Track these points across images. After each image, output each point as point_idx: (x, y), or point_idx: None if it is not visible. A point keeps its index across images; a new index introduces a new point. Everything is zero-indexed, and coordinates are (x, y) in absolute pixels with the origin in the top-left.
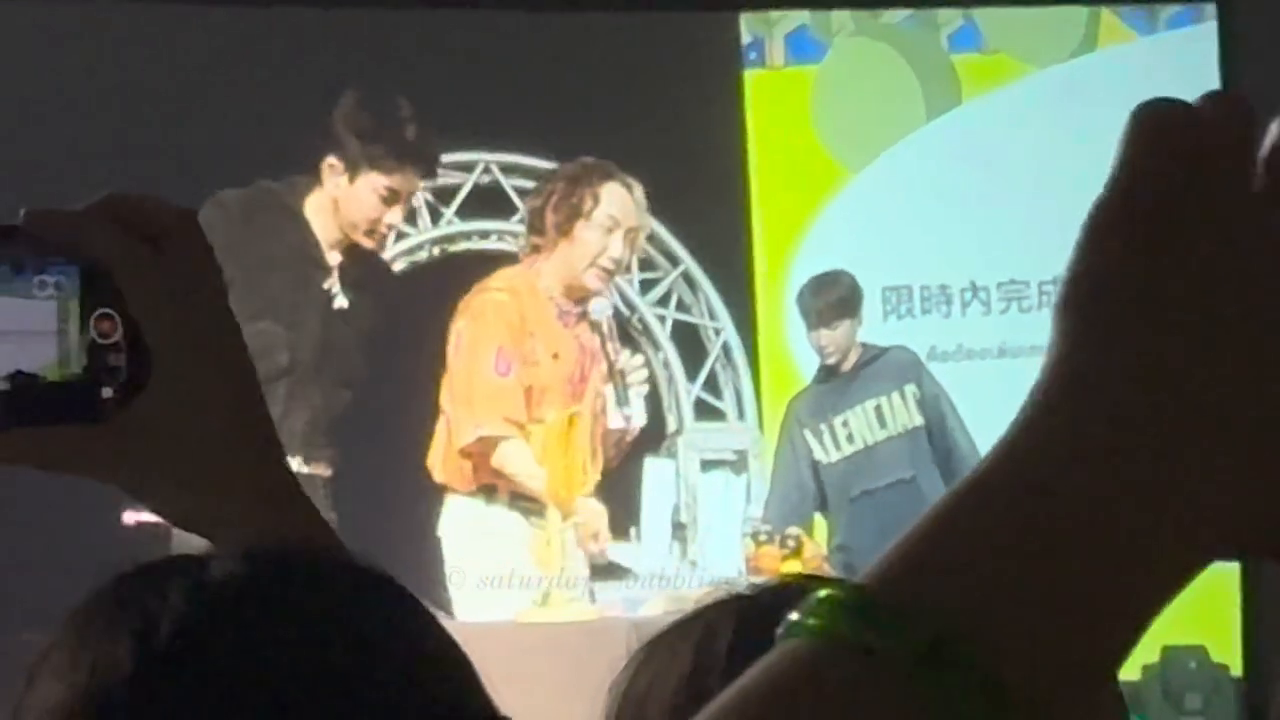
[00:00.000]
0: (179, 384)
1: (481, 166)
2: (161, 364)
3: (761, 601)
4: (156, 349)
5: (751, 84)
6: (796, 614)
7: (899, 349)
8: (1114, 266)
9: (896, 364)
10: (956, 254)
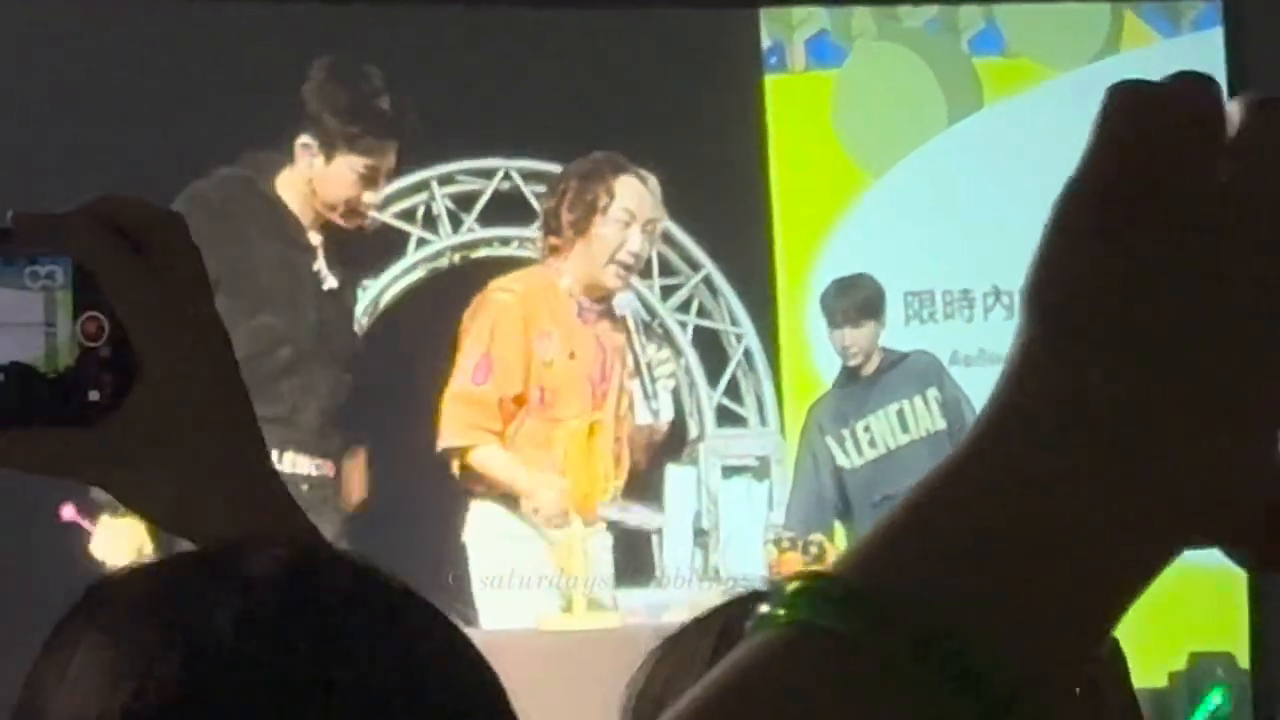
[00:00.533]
0: (165, 386)
1: (501, 173)
2: (147, 366)
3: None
4: (143, 351)
5: (772, 88)
6: (770, 606)
7: (920, 353)
8: (1079, 253)
9: (918, 368)
10: (979, 258)
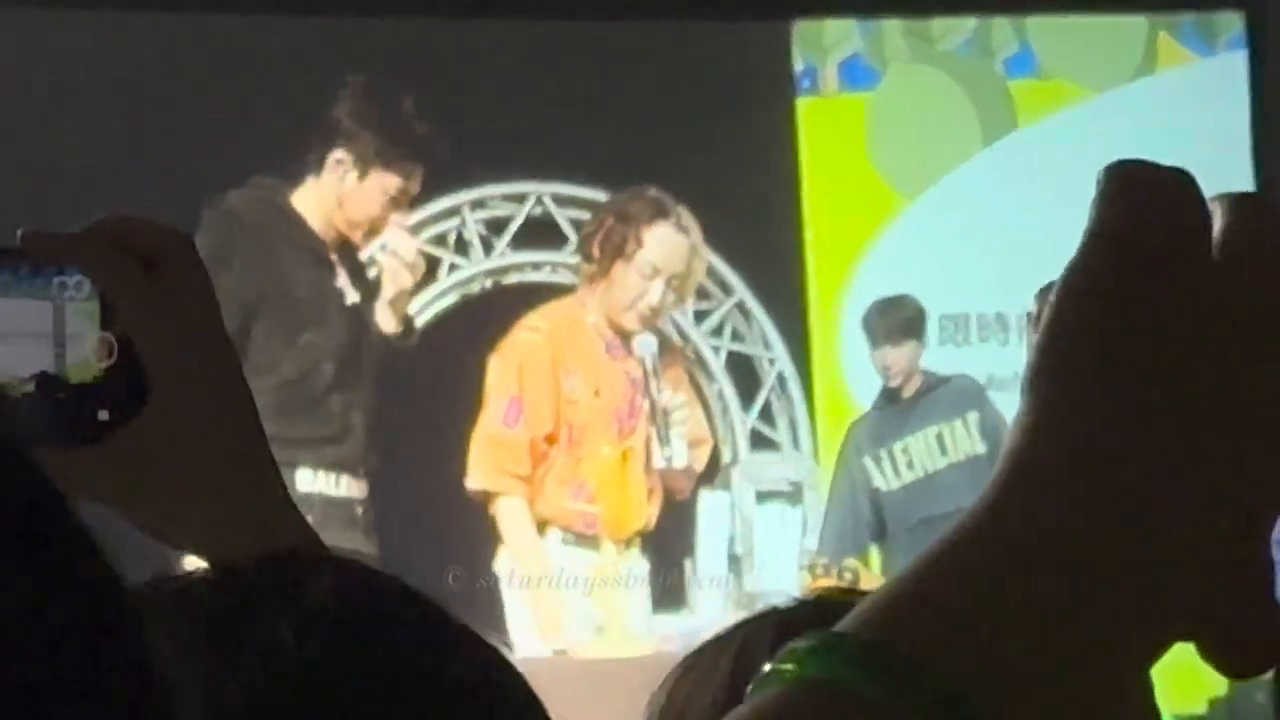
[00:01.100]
0: (174, 406)
1: (534, 198)
2: (157, 385)
3: (800, 616)
4: (152, 370)
5: (804, 111)
6: (779, 662)
7: (962, 377)
8: (1077, 344)
9: (959, 391)
10: (1014, 281)
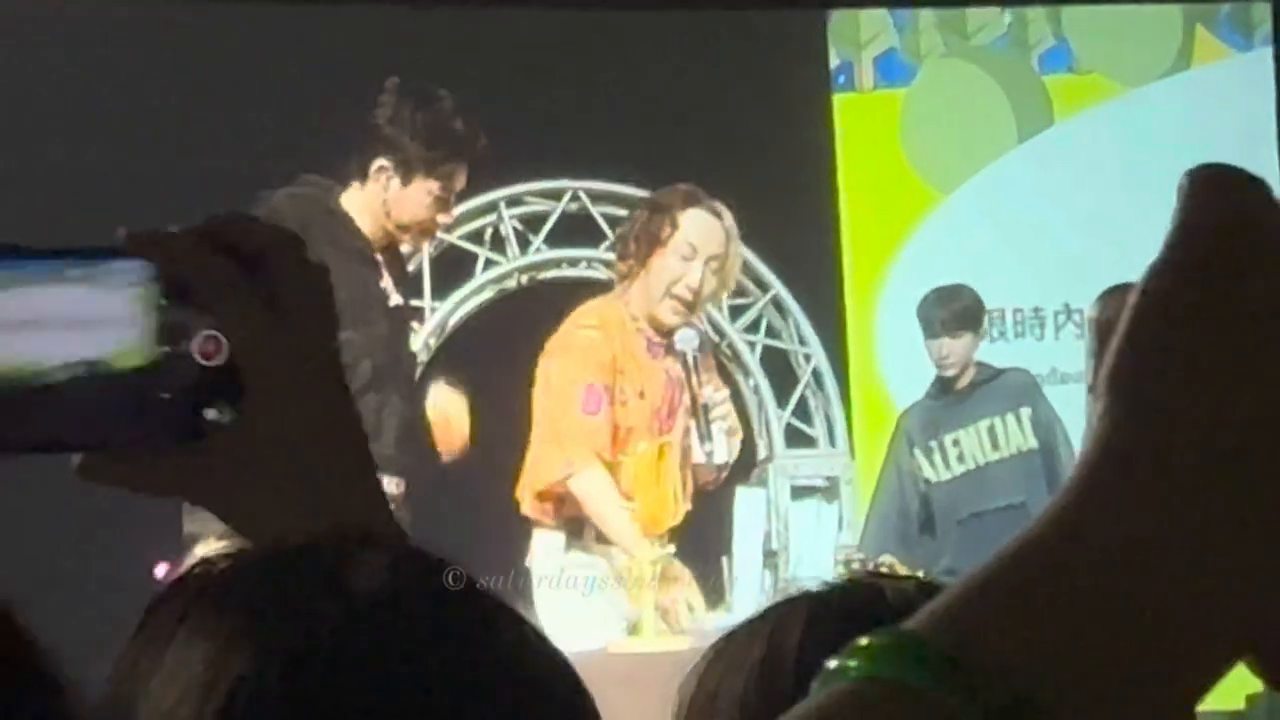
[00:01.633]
0: (277, 406)
1: (569, 194)
2: (259, 388)
3: (831, 599)
4: (254, 373)
5: (840, 107)
6: (845, 658)
7: (1016, 371)
8: (1161, 352)
9: (1013, 386)
10: (1049, 277)
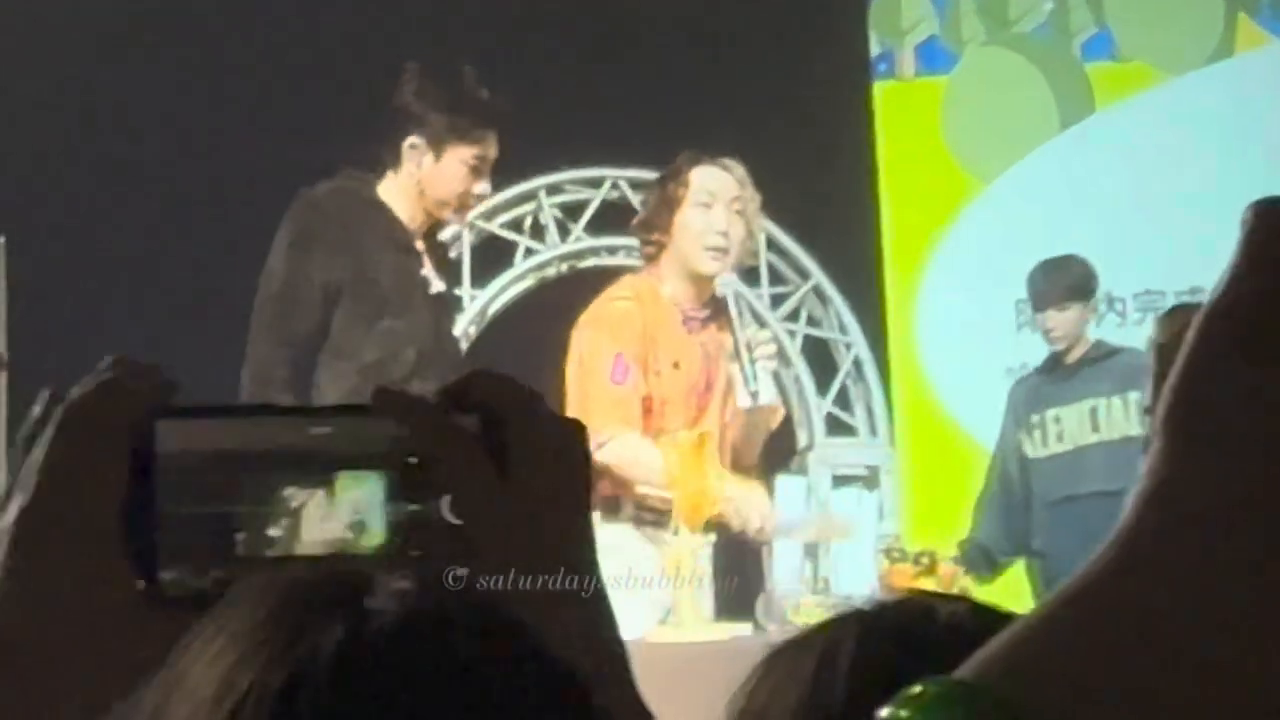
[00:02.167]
0: (505, 577)
1: (609, 182)
2: (488, 553)
3: (884, 617)
4: (486, 538)
5: (881, 95)
6: (898, 706)
7: (1133, 351)
8: (1221, 389)
9: (1125, 367)
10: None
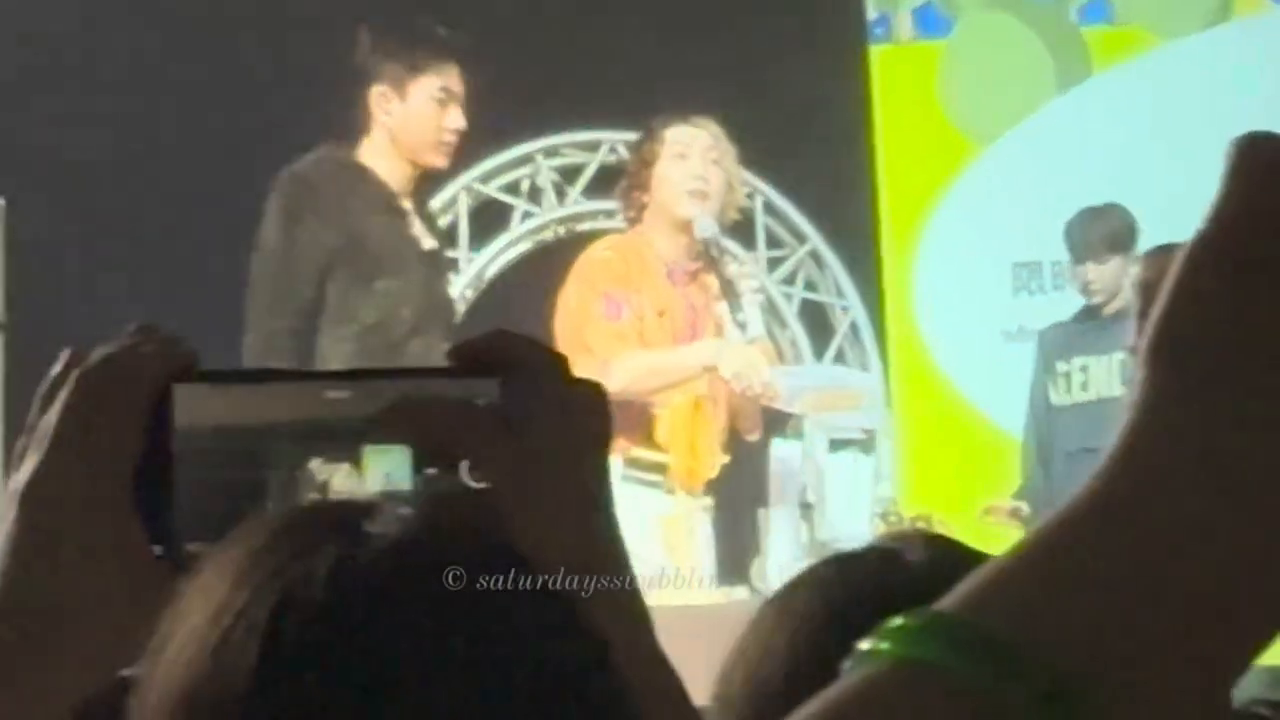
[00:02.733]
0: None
1: (606, 146)
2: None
3: (867, 562)
4: (510, 503)
5: (878, 59)
6: (876, 640)
7: None
8: (1208, 317)
9: None
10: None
